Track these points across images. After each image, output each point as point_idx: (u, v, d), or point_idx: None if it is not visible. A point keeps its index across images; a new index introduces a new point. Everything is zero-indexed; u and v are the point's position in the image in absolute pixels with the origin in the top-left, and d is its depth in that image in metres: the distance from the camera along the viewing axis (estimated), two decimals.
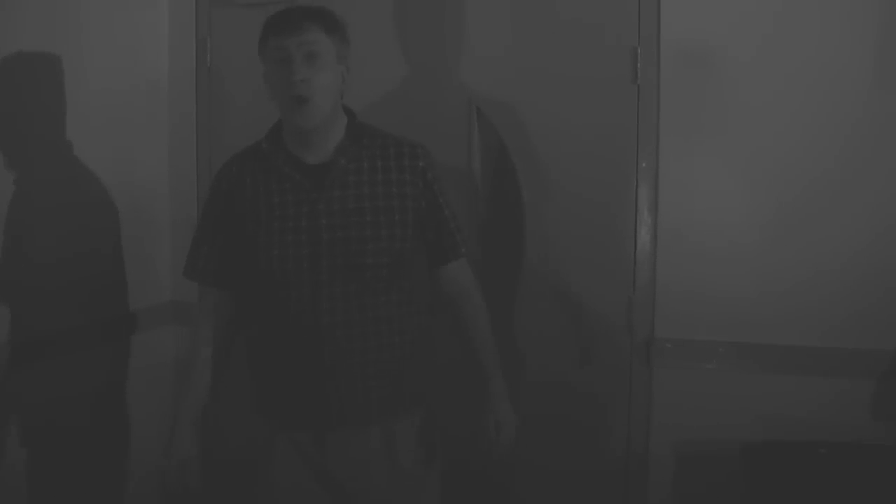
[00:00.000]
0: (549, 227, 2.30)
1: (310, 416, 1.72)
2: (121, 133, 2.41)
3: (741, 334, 2.15)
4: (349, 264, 1.66)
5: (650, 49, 2.18)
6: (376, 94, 2.33)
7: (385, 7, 2.39)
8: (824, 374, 2.08)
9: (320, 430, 1.72)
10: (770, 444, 2.04)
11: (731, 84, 2.13)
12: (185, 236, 2.55)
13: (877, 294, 2.06)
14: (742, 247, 2.15)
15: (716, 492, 2.16)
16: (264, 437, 1.77)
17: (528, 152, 2.30)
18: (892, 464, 1.95)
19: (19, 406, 2.06)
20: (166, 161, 2.61)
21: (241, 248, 1.72)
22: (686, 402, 2.18)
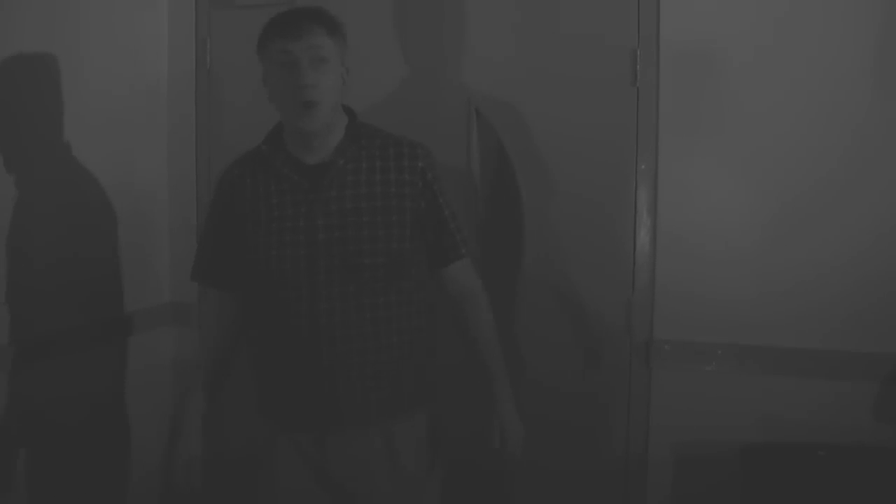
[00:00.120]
0: (549, 228, 2.29)
1: (309, 417, 1.71)
2: (120, 134, 2.41)
3: (740, 336, 2.15)
4: (346, 264, 1.65)
5: (649, 51, 2.18)
6: (375, 94, 2.33)
7: (384, 8, 2.39)
8: (824, 376, 2.08)
9: (320, 431, 1.72)
10: (769, 446, 2.04)
11: (730, 86, 2.13)
12: (184, 237, 2.59)
13: (878, 296, 2.06)
14: (741, 248, 2.14)
15: (714, 493, 2.16)
16: (265, 438, 1.77)
17: (527, 153, 2.30)
18: (891, 466, 1.95)
19: (19, 406, 2.06)
20: (165, 162, 2.61)
21: (242, 250, 1.72)
22: (685, 404, 2.18)
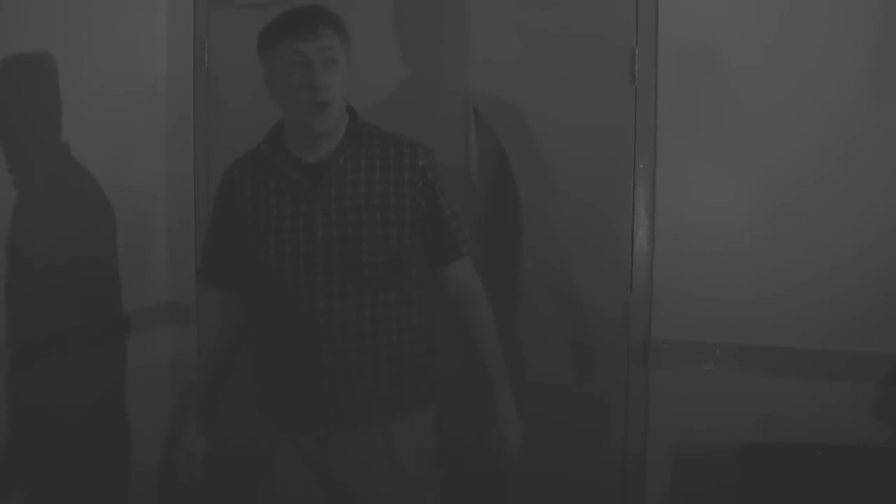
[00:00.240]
0: (547, 228, 2.29)
1: (310, 417, 1.71)
2: (119, 134, 2.40)
3: (738, 336, 2.14)
4: (345, 263, 1.65)
5: (648, 50, 2.18)
6: (374, 94, 2.33)
7: (383, 7, 2.39)
8: (823, 376, 2.08)
9: (321, 430, 1.71)
10: (767, 446, 2.04)
11: (728, 85, 2.13)
12: (182, 237, 2.59)
13: (876, 297, 2.05)
14: (739, 248, 2.14)
15: (713, 493, 2.16)
16: (266, 438, 1.77)
17: (525, 153, 2.30)
18: (889, 466, 1.95)
19: (17, 405, 2.05)
20: (164, 161, 2.61)
21: (243, 249, 1.72)
22: (683, 404, 2.18)
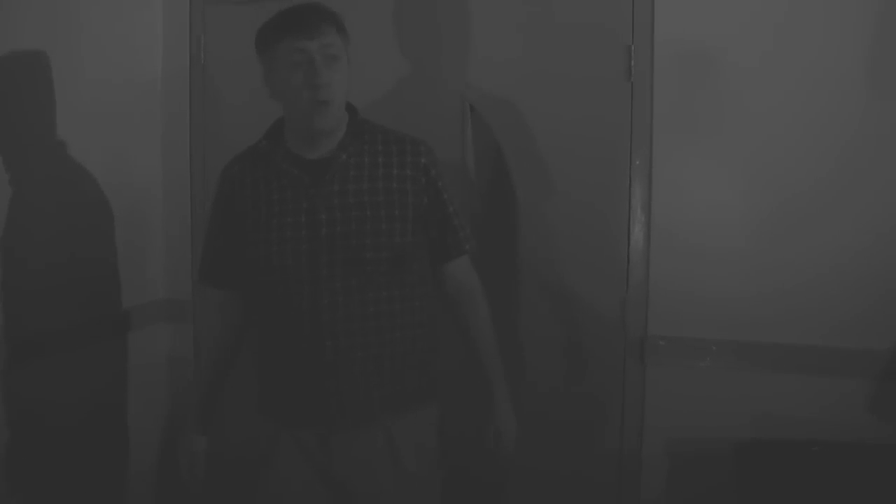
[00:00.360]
0: (543, 225, 2.29)
1: (312, 414, 1.70)
2: (115, 131, 2.40)
3: (735, 332, 2.15)
4: (349, 259, 1.65)
5: (644, 47, 2.18)
6: (371, 91, 2.32)
7: (381, 5, 2.39)
8: (820, 372, 2.08)
9: (323, 427, 1.71)
10: (763, 443, 2.04)
11: (725, 82, 2.13)
12: (178, 234, 2.59)
13: (876, 294, 2.05)
14: (735, 245, 2.14)
15: (709, 490, 2.16)
16: (268, 436, 1.77)
17: (521, 149, 2.30)
18: (885, 462, 1.95)
19: (13, 403, 2.05)
20: (160, 159, 2.61)
21: (244, 247, 1.72)
22: (680, 400, 2.18)
